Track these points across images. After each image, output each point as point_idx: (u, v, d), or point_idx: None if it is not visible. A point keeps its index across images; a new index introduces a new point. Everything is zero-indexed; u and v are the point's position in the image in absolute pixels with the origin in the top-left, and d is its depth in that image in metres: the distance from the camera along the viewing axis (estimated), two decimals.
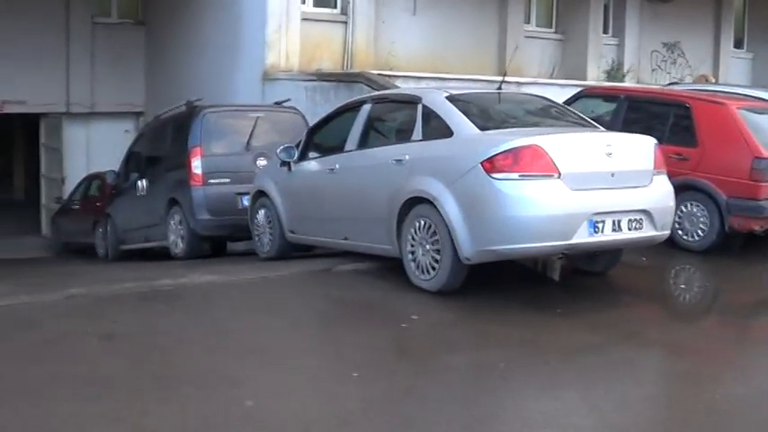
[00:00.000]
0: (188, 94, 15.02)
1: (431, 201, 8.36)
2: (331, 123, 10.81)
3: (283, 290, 8.76)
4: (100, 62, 23.44)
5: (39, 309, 8.14)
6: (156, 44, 23.14)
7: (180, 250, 13.47)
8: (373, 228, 9.20)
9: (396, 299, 8.33)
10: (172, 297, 8.46)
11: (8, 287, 9.90)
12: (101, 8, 23.91)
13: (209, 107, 13.69)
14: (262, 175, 11.93)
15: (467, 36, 21.08)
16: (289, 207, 10.94)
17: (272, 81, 17.09)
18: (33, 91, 22.73)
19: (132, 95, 23.73)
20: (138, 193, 15.05)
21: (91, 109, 23.66)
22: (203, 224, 13.03)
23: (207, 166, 13.05)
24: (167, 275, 9.76)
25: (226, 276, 9.57)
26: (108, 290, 8.96)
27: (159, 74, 22.81)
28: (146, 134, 16.08)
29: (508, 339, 7.33)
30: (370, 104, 10.01)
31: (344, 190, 9.76)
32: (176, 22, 21.52)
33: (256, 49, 17.52)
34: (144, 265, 13.17)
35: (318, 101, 15.64)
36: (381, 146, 9.69)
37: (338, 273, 9.45)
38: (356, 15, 19.11)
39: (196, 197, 13.01)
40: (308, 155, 10.82)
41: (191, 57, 20.50)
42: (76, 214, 20.53)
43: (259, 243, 11.71)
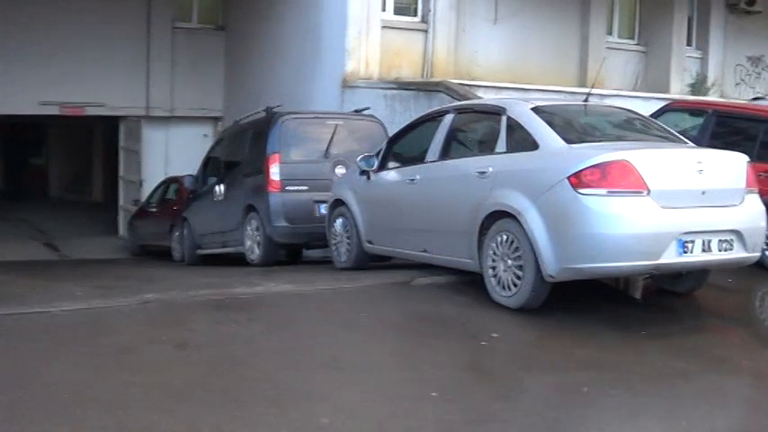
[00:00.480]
0: (266, 100, 14.98)
1: (514, 215, 8.11)
2: (412, 133, 10.63)
3: (360, 302, 8.56)
4: (179, 66, 23.64)
5: (113, 314, 8.06)
6: (236, 49, 23.20)
7: (256, 256, 13.39)
8: (453, 241, 8.98)
9: (475, 315, 8.09)
10: (247, 306, 8.33)
11: (82, 289, 9.89)
12: (181, 13, 24.12)
13: (289, 114, 13.60)
14: (340, 184, 11.79)
15: (548, 46, 20.74)
16: (367, 217, 10.79)
17: (352, 88, 16.95)
18: (113, 94, 22.99)
19: (211, 100, 23.84)
20: (216, 197, 15.02)
21: (170, 113, 23.85)
22: (280, 231, 12.93)
23: (285, 172, 12.96)
24: (243, 283, 9.66)
25: (302, 286, 9.44)
26: (183, 296, 8.86)
27: (238, 79, 22.86)
28: (224, 139, 16.05)
29: (591, 362, 7.06)
30: (452, 114, 9.80)
31: (425, 201, 9.56)
32: (256, 27, 21.52)
33: (336, 55, 17.40)
34: (220, 271, 13.09)
35: (398, 109, 15.47)
36: (464, 157, 9.47)
37: (416, 286, 9.23)
38: (437, 23, 18.88)
39: (273, 204, 12.92)
40: (387, 164, 10.65)
41: (270, 63, 20.49)
42: (153, 217, 20.62)
43: (336, 252, 11.57)
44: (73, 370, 6.19)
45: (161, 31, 23.52)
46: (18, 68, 21.89)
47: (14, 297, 9.36)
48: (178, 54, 23.72)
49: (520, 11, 20.26)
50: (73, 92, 22.57)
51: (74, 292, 9.72)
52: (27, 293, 9.77)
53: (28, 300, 9.02)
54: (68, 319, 7.84)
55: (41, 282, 11.92)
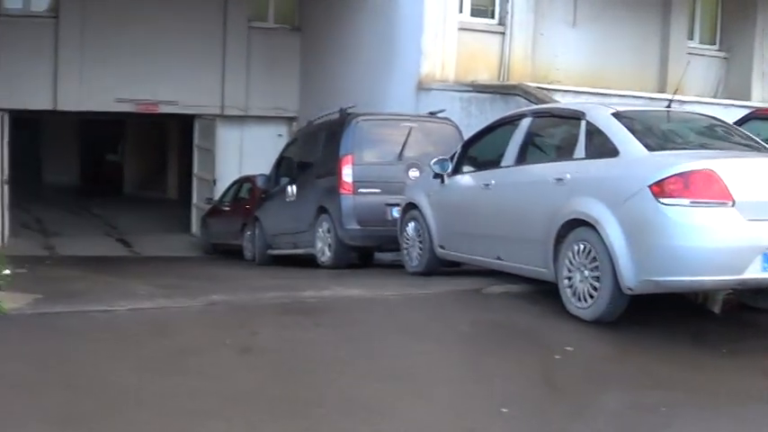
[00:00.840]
0: (341, 101, 14.81)
1: (592, 224, 7.81)
2: (488, 137, 10.37)
3: (430, 310, 8.34)
4: (255, 66, 23.63)
5: (178, 315, 7.96)
6: (311, 50, 23.10)
7: (327, 259, 13.25)
8: (528, 249, 8.71)
9: (549, 327, 7.81)
10: (314, 311, 8.16)
11: (149, 288, 9.82)
12: (257, 13, 24.13)
13: (363, 115, 13.43)
14: (413, 187, 11.59)
15: (627, 50, 20.27)
16: (440, 221, 10.57)
17: (427, 91, 16.74)
18: (188, 92, 23.10)
19: (286, 100, 23.78)
20: (288, 198, 14.92)
21: (244, 112, 23.85)
22: (351, 234, 12.78)
23: (357, 174, 12.82)
24: (311, 286, 9.51)
25: (371, 291, 9.25)
26: (251, 299, 8.74)
27: (313, 80, 22.75)
28: (298, 139, 15.95)
29: (670, 380, 6.71)
30: (529, 118, 9.51)
31: (499, 207, 9.29)
32: (332, 28, 21.39)
33: (412, 57, 17.21)
34: (289, 272, 12.98)
35: (473, 112, 15.23)
36: (540, 163, 9.21)
37: (489, 294, 8.98)
38: (514, 26, 18.59)
39: (345, 206, 12.78)
40: (462, 168, 10.42)
41: (345, 64, 20.34)
42: (226, 216, 20.61)
43: (407, 257, 11.37)
44: (133, 372, 6.07)
45: (237, 30, 23.54)
46: (95, 66, 22.14)
47: (80, 294, 9.32)
48: (254, 53, 23.71)
49: (599, 14, 19.84)
50: (148, 89, 22.71)
51: (139, 290, 9.65)
52: (93, 290, 9.73)
53: (93, 297, 8.95)
54: (131, 319, 7.75)
55: (109, 278, 11.89)
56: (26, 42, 21.45)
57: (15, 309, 7.92)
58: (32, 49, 21.67)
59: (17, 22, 21.53)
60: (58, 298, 8.93)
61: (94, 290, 9.82)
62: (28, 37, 21.51)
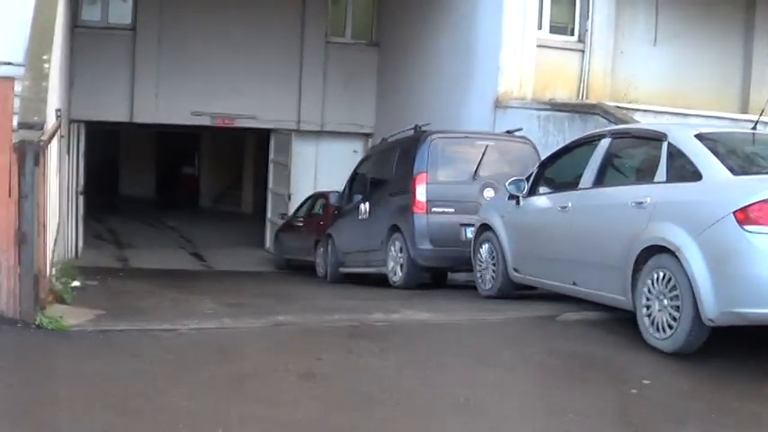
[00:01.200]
0: (418, 118, 14.63)
1: (672, 251, 7.45)
2: (565, 157, 10.07)
3: (502, 337, 8.03)
4: (331, 81, 23.60)
5: (242, 336, 7.78)
6: (389, 66, 22.96)
7: (398, 279, 13.02)
8: (605, 275, 8.36)
9: (626, 358, 7.45)
10: (381, 335, 7.91)
11: (216, 306, 9.67)
12: (335, 28, 24.08)
13: (437, 133, 13.20)
14: (488, 208, 11.31)
15: (708, 69, 19.65)
16: (514, 244, 10.29)
17: (504, 109, 16.43)
18: (265, 106, 23.15)
19: (362, 116, 23.68)
20: (360, 216, 14.73)
21: (320, 127, 23.81)
22: (424, 254, 12.54)
23: (431, 193, 12.59)
24: (380, 309, 9.29)
25: (441, 316, 8.99)
26: (317, 320, 8.53)
27: (390, 96, 22.59)
28: (371, 156, 15.76)
29: (755, 420, 6.31)
30: (609, 139, 9.17)
31: (576, 231, 8.96)
32: (410, 44, 21.21)
33: (489, 74, 16.91)
34: (360, 291, 12.75)
35: (551, 131, 14.89)
36: (620, 185, 8.85)
37: (564, 322, 8.65)
38: (594, 44, 18.21)
39: (418, 225, 12.55)
40: (538, 189, 10.13)
41: (422, 80, 20.14)
42: (299, 231, 20.49)
43: (480, 279, 11.09)
44: (190, 396, 5.88)
45: (314, 45, 23.53)
46: (172, 79, 22.36)
47: (145, 311, 9.20)
48: (331, 69, 23.68)
49: (680, 32, 19.30)
50: (225, 103, 22.82)
51: (206, 308, 9.51)
52: (159, 307, 9.60)
53: (158, 315, 8.83)
54: (193, 339, 7.59)
55: (177, 294, 11.76)
56: (104, 54, 21.67)
57: (76, 325, 7.83)
58: (110, 61, 21.92)
59: (95, 34, 21.77)
60: (122, 314, 8.82)
61: (161, 306, 9.69)
62: (105, 49, 21.73)
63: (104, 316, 8.55)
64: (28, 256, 7.58)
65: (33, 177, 7.56)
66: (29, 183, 7.53)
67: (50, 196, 9.23)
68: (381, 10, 23.94)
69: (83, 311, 8.67)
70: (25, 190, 7.52)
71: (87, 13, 22.36)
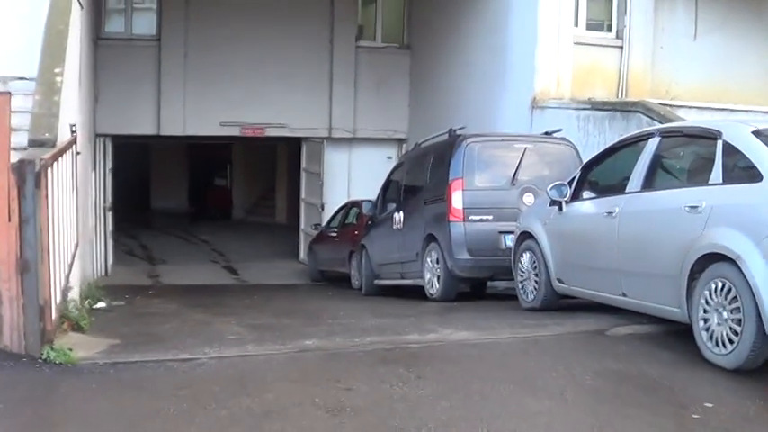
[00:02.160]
0: (452, 121, 14.02)
1: (732, 259, 6.77)
2: (610, 159, 9.40)
3: (548, 356, 7.34)
4: (363, 86, 23.14)
5: (265, 365, 7.19)
6: (421, 69, 22.39)
7: (436, 291, 12.44)
8: (658, 285, 7.69)
9: (683, 378, 6.76)
10: (417, 359, 7.25)
11: (240, 329, 9.13)
12: (365, 32, 23.61)
13: (473, 136, 12.58)
14: (528, 215, 10.67)
15: (751, 63, 18.85)
16: (558, 253, 9.65)
17: (541, 109, 15.81)
18: (295, 115, 22.78)
19: (395, 121, 23.13)
20: (395, 225, 14.14)
21: (353, 134, 23.35)
22: (461, 264, 11.93)
23: (468, 200, 11.99)
24: (416, 328, 8.68)
25: (481, 334, 8.33)
26: (347, 344, 7.91)
27: (424, 100, 22.02)
28: (405, 163, 15.12)
29: None
30: (657, 138, 8.47)
31: (624, 238, 8.27)
32: (442, 45, 20.64)
33: (525, 74, 16.30)
34: (395, 306, 12.13)
35: (591, 131, 14.22)
36: (671, 188, 8.17)
37: (613, 337, 7.97)
38: (632, 40, 17.53)
39: (455, 234, 11.96)
40: (581, 194, 9.47)
41: (456, 83, 19.57)
42: (333, 242, 19.93)
43: (522, 291, 10.46)
44: None
45: (344, 50, 23.08)
46: (198, 89, 22.06)
47: (164, 337, 8.63)
48: (362, 74, 23.23)
49: (721, 26, 18.54)
50: (254, 113, 22.48)
51: (229, 332, 8.95)
52: (180, 333, 9.03)
53: (177, 342, 8.24)
54: (212, 370, 7.00)
55: (203, 315, 11.30)
56: (128, 67, 21.44)
57: (86, 358, 7.32)
58: (135, 73, 21.66)
59: (119, 46, 21.54)
60: (139, 343, 8.28)
61: (182, 332, 9.13)
62: (130, 61, 21.51)
63: (118, 346, 8.04)
64: (31, 286, 7.03)
65: (35, 200, 7.00)
66: (30, 206, 6.98)
67: (62, 216, 8.70)
68: (412, 12, 23.40)
69: (96, 341, 8.17)
70: (26, 214, 6.96)
71: (111, 25, 22.06)
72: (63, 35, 11.59)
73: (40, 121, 10.15)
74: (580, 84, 16.67)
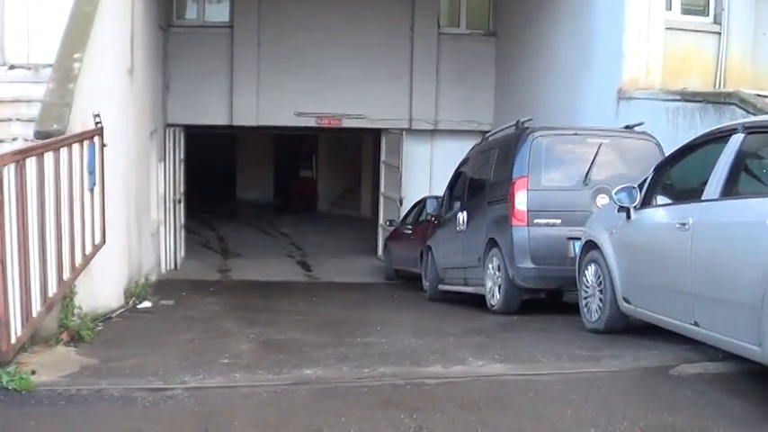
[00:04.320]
0: (537, 112, 12.86)
1: None
2: (687, 158, 7.93)
3: (590, 404, 5.81)
4: (445, 75, 22.04)
5: (242, 401, 6.02)
6: (507, 57, 21.08)
7: (496, 302, 11.16)
8: (734, 315, 6.22)
9: None
10: (427, 402, 5.88)
11: (244, 348, 8.07)
12: (448, 18, 22.34)
13: (541, 129, 11.23)
14: (594, 222, 9.31)
15: None
16: (624, 267, 8.26)
17: (628, 100, 14.31)
18: (373, 105, 21.86)
19: (479, 112, 21.87)
20: (458, 227, 12.92)
21: (434, 125, 22.20)
22: (524, 274, 10.65)
23: (534, 201, 10.67)
24: (444, 356, 7.42)
25: (518, 367, 6.99)
26: (354, 376, 6.63)
27: (509, 90, 20.70)
28: (471, 158, 13.79)
29: None
30: (741, 135, 6.95)
31: (698, 255, 6.78)
32: (527, 33, 19.30)
33: (612, 62, 14.82)
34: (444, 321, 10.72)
35: (681, 125, 12.68)
36: (757, 196, 6.66)
37: (677, 378, 6.53)
38: (731, 25, 15.94)
39: (517, 240, 10.67)
40: (653, 200, 8.04)
41: (542, 72, 18.23)
42: (407, 239, 18.76)
43: (585, 308, 9.11)
44: None
45: (426, 37, 21.92)
46: (273, 78, 21.33)
47: (154, 358, 7.50)
48: (444, 62, 22.08)
49: None
50: (330, 102, 21.59)
51: (232, 352, 7.84)
52: (179, 350, 7.87)
53: (164, 364, 7.13)
54: (178, 406, 5.91)
55: (231, 323, 10.32)
56: (200, 55, 20.84)
57: (47, 383, 6.34)
58: (207, 61, 21.01)
59: (191, 33, 20.86)
60: (119, 364, 7.18)
61: (182, 349, 7.96)
62: (202, 49, 20.88)
63: (93, 367, 7.04)
64: None
65: None
66: None
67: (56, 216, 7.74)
68: None
69: (73, 360, 7.27)
70: None
71: (183, 12, 21.28)
72: (89, 18, 10.63)
73: (49, 111, 9.25)
74: (673, 73, 15.12)
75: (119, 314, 10.78)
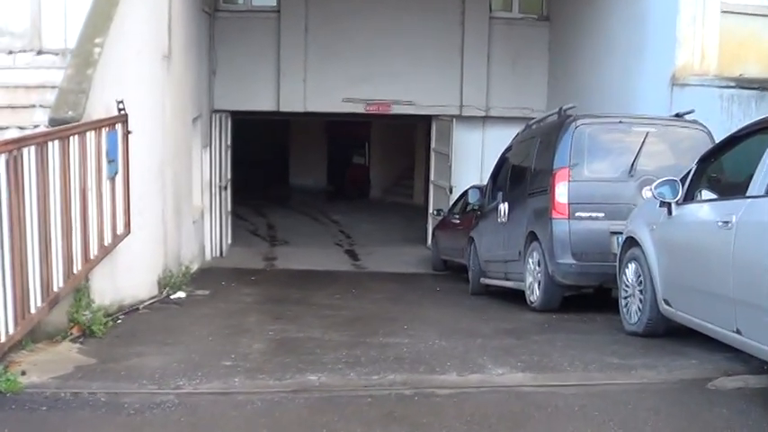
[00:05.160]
0: (590, 99, 12.35)
1: None
2: (732, 151, 7.34)
3: (613, 423, 5.27)
4: (497, 61, 21.47)
5: (233, 411, 5.59)
6: (561, 42, 20.41)
7: (536, 299, 10.62)
8: None
9: None
10: (434, 416, 5.32)
11: (259, 347, 7.64)
12: (500, 2, 21.67)
13: (584, 117, 10.67)
14: (636, 217, 8.74)
15: None
16: (665, 267, 7.70)
17: (682, 86, 13.65)
18: (423, 91, 21.33)
19: (532, 99, 21.18)
20: (499, 218, 12.39)
21: (485, 112, 21.65)
22: (564, 270, 10.11)
23: (575, 193, 10.13)
24: (462, 362, 6.90)
25: (540, 377, 6.44)
26: (360, 384, 6.15)
27: (563, 76, 20.04)
28: (513, 147, 13.23)
29: None
30: None
31: (741, 256, 6.19)
32: (581, 17, 18.65)
33: (665, 47, 14.15)
34: (478, 319, 10.12)
35: (735, 114, 12.00)
36: None
37: (714, 393, 5.94)
38: None
39: (558, 233, 10.14)
40: (696, 194, 7.46)
41: (595, 57, 17.59)
42: (454, 229, 18.22)
43: (625, 309, 8.56)
44: None
45: (477, 21, 21.32)
46: (321, 64, 20.95)
47: (155, 359, 7.07)
48: (496, 47, 21.45)
49: None
50: (379, 88, 21.12)
51: (239, 353, 7.39)
52: (178, 352, 7.42)
53: (163, 365, 6.71)
54: (164, 414, 5.52)
55: (255, 318, 9.94)
56: (247, 40, 20.51)
57: (35, 385, 6.03)
58: (254, 46, 20.70)
59: (238, 18, 20.58)
60: (116, 365, 6.79)
61: (189, 349, 7.52)
62: (249, 34, 20.55)
63: (87, 368, 6.67)
64: None
65: None
66: None
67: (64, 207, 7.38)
68: None
69: (68, 360, 6.90)
70: None
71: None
72: (112, 2, 10.26)
73: (65, 98, 8.93)
74: (730, 58, 14.36)
75: (146, 305, 10.49)
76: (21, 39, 11.93)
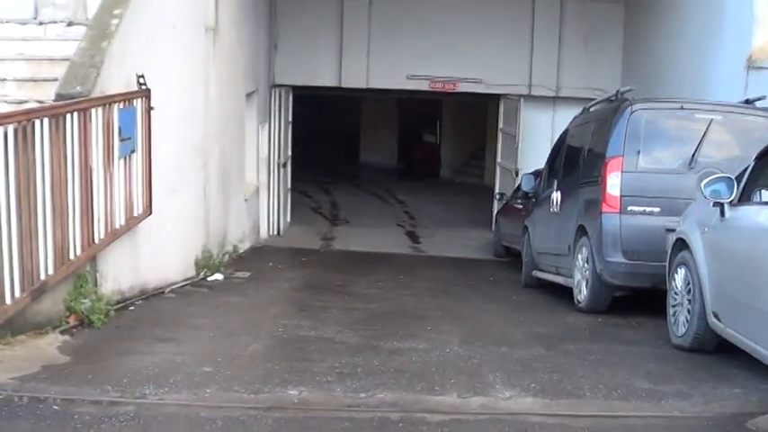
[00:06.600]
0: (664, 81, 11.60)
1: None
2: None
3: None
4: (568, 40, 20.62)
5: (197, 426, 4.93)
6: (636, 21, 19.41)
7: (583, 299, 9.83)
8: None
9: None
10: None
11: (256, 347, 6.95)
12: None
13: (642, 101, 9.83)
14: (689, 215, 7.91)
15: None
16: (716, 275, 6.85)
17: (758, 69, 12.65)
18: (490, 69, 20.60)
19: (605, 79, 20.08)
20: (552, 208, 11.62)
21: (555, 92, 20.87)
22: (613, 269, 9.32)
23: (629, 185, 9.32)
24: (469, 381, 6.10)
25: (553, 405, 5.56)
26: (344, 404, 5.36)
27: (638, 57, 19.04)
28: (570, 131, 12.37)
29: None
30: None
31: None
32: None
33: (741, 27, 13.14)
34: (516, 321, 9.29)
35: None
36: None
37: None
38: None
39: (607, 229, 9.34)
40: (754, 195, 6.62)
41: (671, 38, 16.57)
42: (515, 215, 17.36)
43: (673, 318, 7.75)
44: None
45: None
46: (385, 40, 20.40)
47: (132, 360, 6.43)
48: (568, 25, 20.55)
49: None
50: (444, 66, 20.49)
51: (229, 354, 6.76)
52: (163, 353, 6.76)
53: (131, 370, 6.06)
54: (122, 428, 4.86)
55: (274, 311, 9.29)
56: (310, 14, 20.04)
57: None
58: (316, 21, 20.22)
59: None
60: (86, 368, 6.14)
61: (174, 350, 6.88)
62: (312, 7, 20.04)
63: (56, 368, 6.06)
64: None
65: None
66: None
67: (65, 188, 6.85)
68: None
69: (40, 357, 6.29)
70: None
71: None
72: None
73: (75, 72, 8.32)
74: None
75: (174, 289, 10.05)
76: (64, 10, 11.43)
